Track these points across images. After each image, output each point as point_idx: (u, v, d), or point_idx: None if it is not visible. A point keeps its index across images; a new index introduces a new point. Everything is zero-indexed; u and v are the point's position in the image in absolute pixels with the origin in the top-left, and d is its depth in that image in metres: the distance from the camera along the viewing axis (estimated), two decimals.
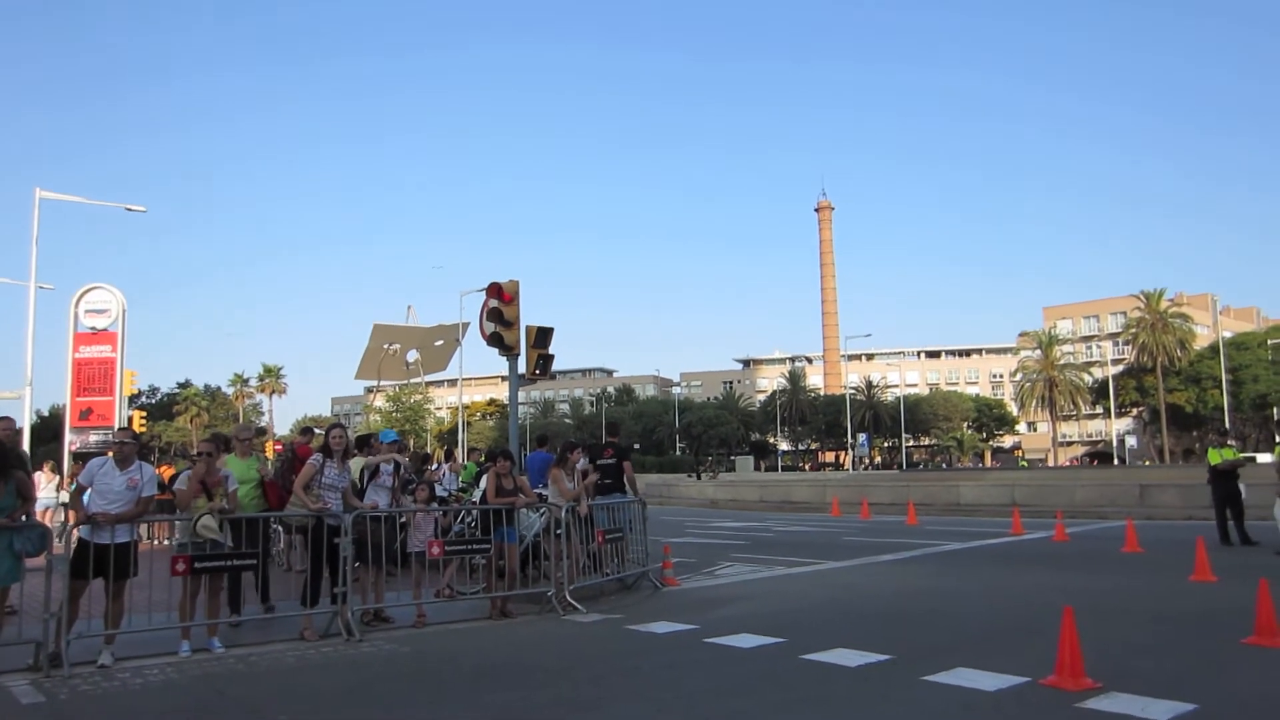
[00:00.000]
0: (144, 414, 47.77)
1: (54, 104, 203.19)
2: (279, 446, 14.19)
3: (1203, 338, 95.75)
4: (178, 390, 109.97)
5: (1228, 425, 75.37)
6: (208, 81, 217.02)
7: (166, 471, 14.31)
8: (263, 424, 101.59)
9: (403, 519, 10.77)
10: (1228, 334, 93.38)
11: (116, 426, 30.72)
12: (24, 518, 8.39)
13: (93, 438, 32.32)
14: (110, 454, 8.78)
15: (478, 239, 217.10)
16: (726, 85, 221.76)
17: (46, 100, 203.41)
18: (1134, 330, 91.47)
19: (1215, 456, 16.68)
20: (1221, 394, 79.99)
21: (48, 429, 63.49)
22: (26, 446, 32.19)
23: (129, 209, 35.30)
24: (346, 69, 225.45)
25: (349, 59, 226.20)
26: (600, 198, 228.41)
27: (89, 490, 8.60)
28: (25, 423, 33.31)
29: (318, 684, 7.55)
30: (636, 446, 20.02)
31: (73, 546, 8.33)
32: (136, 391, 52.54)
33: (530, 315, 13.40)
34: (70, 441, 32.94)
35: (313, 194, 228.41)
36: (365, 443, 11.37)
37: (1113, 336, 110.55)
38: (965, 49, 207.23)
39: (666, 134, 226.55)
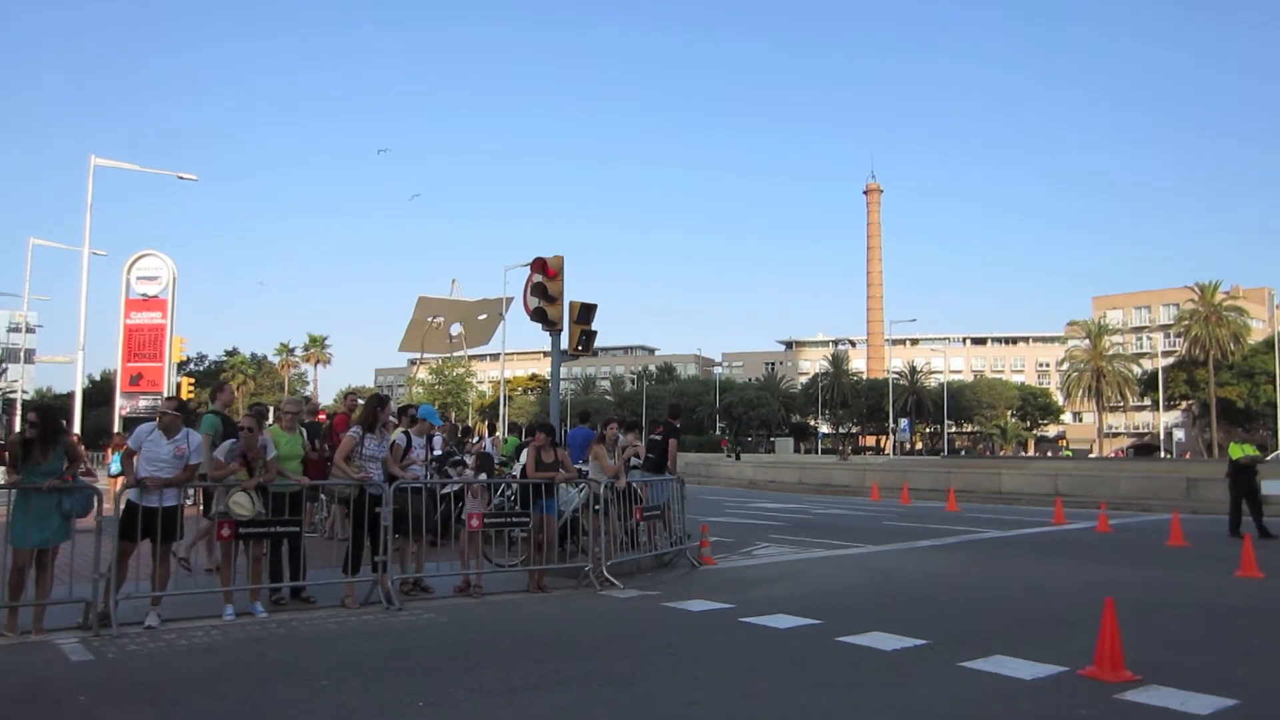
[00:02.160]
0: (192, 381, 48.54)
1: (105, 68, 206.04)
2: (321, 416, 14.39)
3: (1258, 332, 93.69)
4: (225, 358, 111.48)
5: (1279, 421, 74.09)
6: (260, 51, 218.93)
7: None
8: (307, 393, 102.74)
9: (443, 490, 10.88)
10: None
11: (165, 393, 31.31)
12: (72, 479, 8.56)
13: (142, 403, 32.97)
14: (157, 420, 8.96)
15: (524, 214, 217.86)
16: (778, 67, 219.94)
17: (97, 65, 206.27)
18: (1186, 322, 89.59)
19: (1237, 451, 17.04)
20: (1275, 389, 78.29)
21: (99, 393, 64.73)
22: (78, 410, 32.99)
23: (181, 177, 35.78)
24: (395, 41, 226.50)
25: (396, 30, 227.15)
26: (646, 176, 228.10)
27: (138, 454, 8.77)
28: (77, 387, 34.06)
29: (358, 650, 7.66)
30: (678, 425, 20.24)
31: (122, 509, 8.52)
32: (185, 358, 53.46)
33: (574, 291, 13.43)
34: (121, 406, 33.61)
35: (361, 165, 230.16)
36: (405, 413, 11.48)
37: (1164, 328, 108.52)
38: (1018, 41, 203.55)
39: (715, 114, 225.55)
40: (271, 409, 16.84)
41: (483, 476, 11.48)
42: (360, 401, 12.21)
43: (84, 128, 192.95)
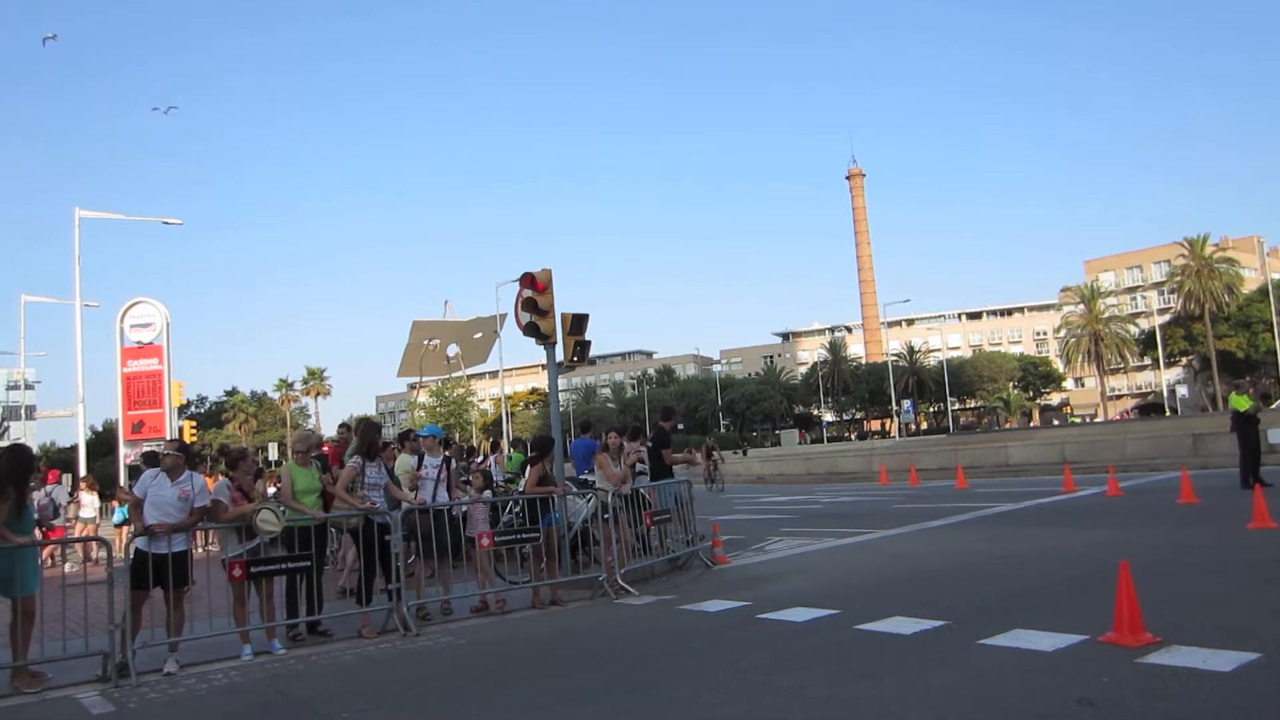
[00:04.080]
0: (194, 424, 48.51)
1: (85, 122, 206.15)
2: (326, 447, 14.40)
3: (1250, 281, 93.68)
4: (225, 398, 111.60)
5: None
6: (237, 88, 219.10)
7: (209, 481, 14.64)
8: (310, 426, 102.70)
9: (453, 511, 10.87)
10: (1276, 275, 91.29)
11: (167, 438, 31.26)
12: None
13: (146, 450, 32.90)
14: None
15: (511, 227, 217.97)
16: (753, 60, 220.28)
17: (79, 119, 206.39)
18: (1179, 278, 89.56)
19: (1243, 403, 16.92)
20: (1273, 337, 78.36)
21: (102, 444, 64.67)
22: (82, 462, 32.95)
23: (166, 222, 35.82)
24: (375, 69, 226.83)
25: (377, 60, 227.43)
26: (631, 182, 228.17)
27: (145, 502, 8.77)
28: (80, 439, 34.06)
29: (378, 680, 7.65)
30: (680, 427, 20.26)
31: (131, 557, 8.51)
32: (185, 402, 53.43)
33: (567, 301, 13.43)
34: (125, 455, 33.56)
35: (345, 193, 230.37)
36: (406, 437, 11.48)
37: (1157, 286, 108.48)
38: (990, 12, 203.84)
39: (696, 113, 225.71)
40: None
41: (487, 494, 11.46)
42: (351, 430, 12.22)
43: (66, 176, 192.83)
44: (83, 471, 33.00)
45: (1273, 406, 59.56)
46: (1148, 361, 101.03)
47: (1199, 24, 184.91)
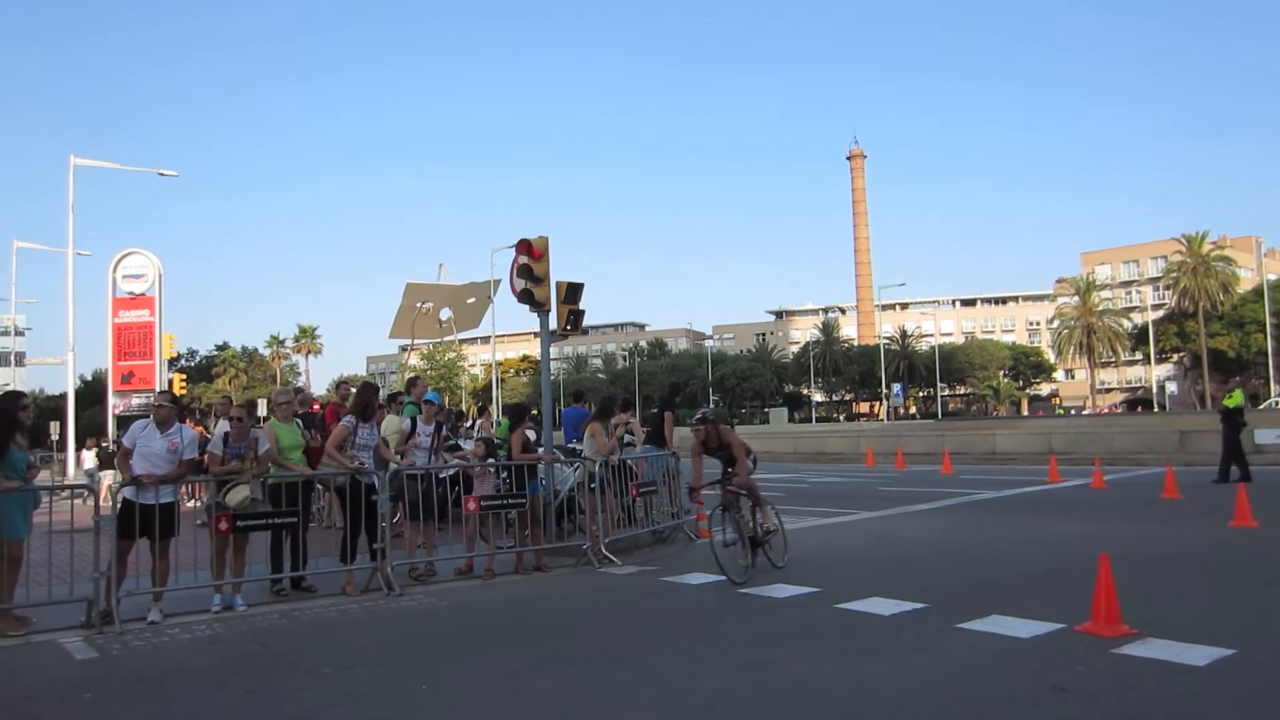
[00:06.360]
0: (184, 377, 48.39)
1: (87, 73, 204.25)
2: (315, 406, 14.42)
3: (1246, 281, 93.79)
4: (216, 353, 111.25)
5: (1271, 369, 74.50)
6: (241, 49, 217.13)
7: (200, 431, 14.62)
8: (299, 384, 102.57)
9: (440, 474, 10.90)
10: (1272, 276, 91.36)
11: (157, 389, 31.22)
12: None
13: (135, 401, 32.89)
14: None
15: (509, 195, 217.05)
16: (757, 37, 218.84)
17: (80, 70, 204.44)
18: (1175, 274, 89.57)
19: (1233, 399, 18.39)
20: (1265, 338, 78.54)
21: (91, 394, 64.56)
22: (71, 411, 32.91)
23: (162, 174, 35.59)
24: (380, 36, 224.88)
25: (381, 28, 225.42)
26: (632, 152, 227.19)
27: (134, 452, 8.77)
28: (69, 387, 33.99)
29: (360, 637, 7.69)
30: (677, 398, 20.27)
31: (118, 506, 8.52)
32: (176, 355, 53.39)
33: (562, 270, 13.36)
34: (113, 405, 33.52)
35: (345, 156, 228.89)
36: (396, 399, 11.49)
37: (1153, 281, 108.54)
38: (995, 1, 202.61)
39: (698, 87, 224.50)
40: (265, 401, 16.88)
41: (490, 461, 11.47)
42: (352, 390, 12.19)
43: (64, 126, 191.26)
44: (71, 419, 32.99)
45: (1260, 407, 59.90)
46: (1139, 356, 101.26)
47: (1212, 16, 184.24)
